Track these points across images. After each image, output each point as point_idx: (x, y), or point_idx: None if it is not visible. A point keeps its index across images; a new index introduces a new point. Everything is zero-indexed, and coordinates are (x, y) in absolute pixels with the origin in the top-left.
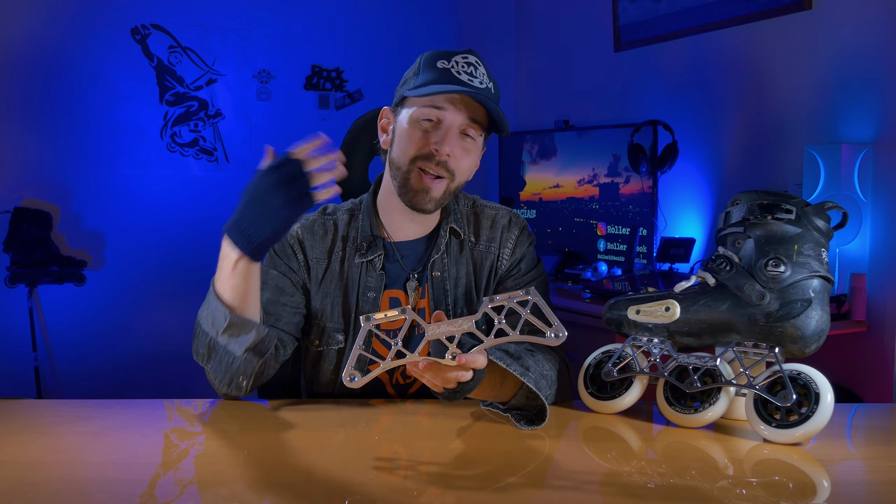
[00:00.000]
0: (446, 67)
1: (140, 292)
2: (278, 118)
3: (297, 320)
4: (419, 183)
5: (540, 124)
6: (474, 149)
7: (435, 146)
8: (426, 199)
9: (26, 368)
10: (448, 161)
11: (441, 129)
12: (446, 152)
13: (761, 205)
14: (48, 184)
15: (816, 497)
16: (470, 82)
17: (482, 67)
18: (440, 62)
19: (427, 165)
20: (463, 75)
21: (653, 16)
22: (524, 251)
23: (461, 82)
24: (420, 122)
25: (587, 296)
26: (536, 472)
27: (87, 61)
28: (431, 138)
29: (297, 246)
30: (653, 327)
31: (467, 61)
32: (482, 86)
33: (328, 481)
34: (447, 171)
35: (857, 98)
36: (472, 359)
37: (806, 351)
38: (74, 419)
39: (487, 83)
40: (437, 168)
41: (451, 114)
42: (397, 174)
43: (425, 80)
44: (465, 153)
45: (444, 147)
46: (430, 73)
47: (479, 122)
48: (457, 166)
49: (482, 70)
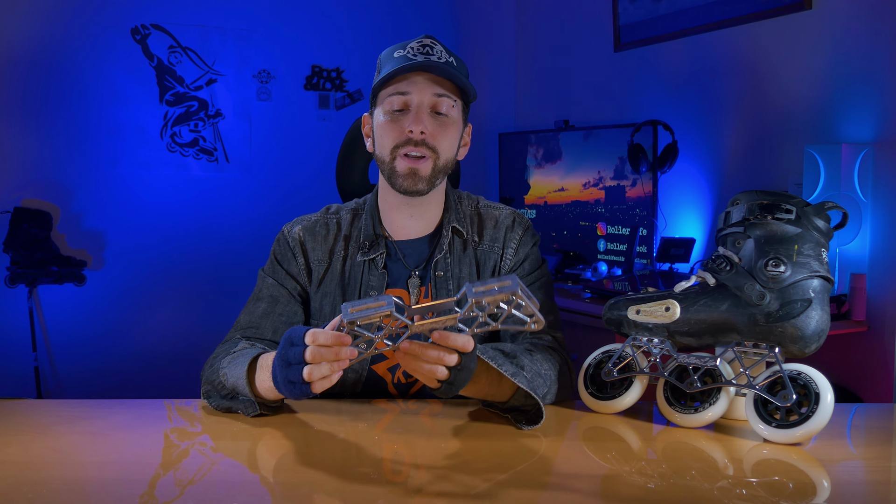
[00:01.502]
0: (402, 54)
1: (140, 292)
2: (278, 118)
3: None
4: (404, 167)
5: (540, 124)
6: (451, 123)
7: (409, 128)
8: (416, 181)
9: (26, 368)
10: (426, 139)
11: (411, 111)
12: (420, 130)
13: (761, 205)
14: (48, 184)
15: (816, 497)
16: (426, 59)
17: (438, 45)
18: (396, 52)
19: (407, 149)
20: (419, 56)
21: (653, 16)
22: (528, 251)
23: (417, 61)
24: (391, 113)
25: (587, 296)
26: (537, 472)
27: (87, 61)
28: (404, 123)
29: (299, 248)
30: (653, 327)
31: (422, 43)
32: (440, 61)
33: (328, 481)
34: (428, 148)
35: (857, 98)
36: (451, 336)
37: (806, 351)
38: (74, 419)
39: (446, 57)
40: (418, 148)
41: (416, 94)
42: (384, 167)
43: (384, 72)
44: (442, 128)
45: (416, 126)
46: (389, 64)
47: (447, 95)
48: (437, 143)
49: (439, 48)
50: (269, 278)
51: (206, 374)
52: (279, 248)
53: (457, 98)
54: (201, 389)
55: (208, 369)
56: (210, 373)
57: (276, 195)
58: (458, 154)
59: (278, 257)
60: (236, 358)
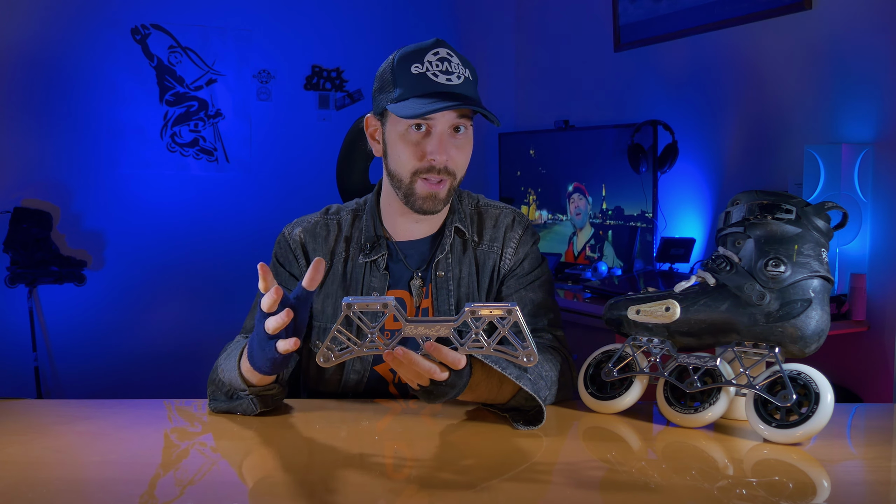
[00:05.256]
0: (421, 72)
1: (140, 292)
2: (278, 118)
3: None
4: (425, 191)
5: (540, 124)
6: (466, 141)
7: (431, 156)
8: (435, 203)
9: (26, 368)
10: (448, 163)
11: (433, 136)
12: (444, 160)
13: (761, 205)
14: (48, 184)
15: (816, 497)
16: (448, 82)
17: (455, 57)
18: (414, 67)
19: (429, 176)
20: (440, 77)
21: (653, 16)
22: (527, 250)
23: (440, 86)
24: (410, 133)
25: (587, 296)
26: (537, 472)
27: (87, 61)
28: (426, 148)
29: (300, 250)
30: (653, 327)
31: (440, 57)
32: (460, 80)
33: (329, 481)
34: (449, 172)
35: (857, 98)
36: (444, 350)
37: (806, 351)
38: (74, 419)
39: (464, 73)
40: (440, 175)
41: (440, 123)
42: (400, 185)
43: (404, 92)
44: (459, 151)
45: (441, 156)
46: (407, 81)
47: (467, 117)
48: (456, 165)
49: (456, 60)
50: None
51: (210, 375)
52: (280, 250)
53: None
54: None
55: (212, 372)
56: (212, 372)
57: (276, 195)
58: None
59: (280, 259)
60: (231, 353)
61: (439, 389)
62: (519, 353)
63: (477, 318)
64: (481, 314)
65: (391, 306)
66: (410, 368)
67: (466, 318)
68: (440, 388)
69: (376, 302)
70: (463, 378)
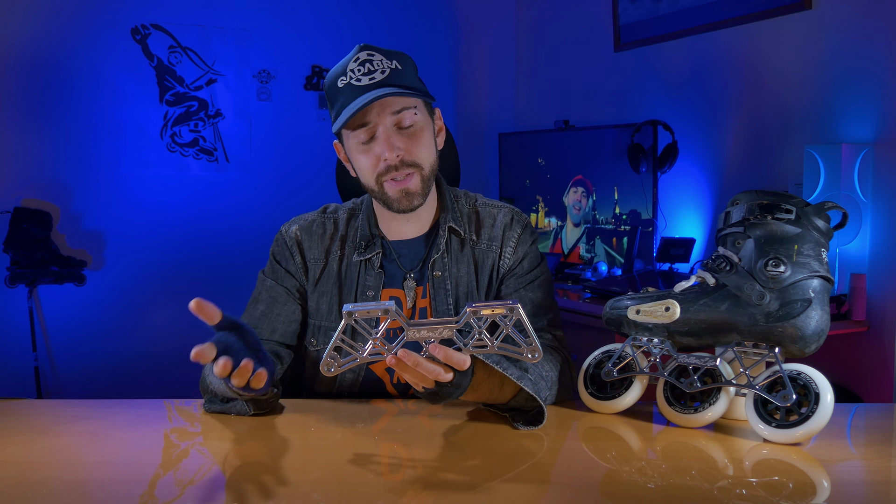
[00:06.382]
0: (347, 82)
1: (140, 292)
2: (278, 118)
3: (293, 329)
4: (394, 191)
5: (540, 124)
6: (420, 129)
7: (383, 157)
8: (410, 199)
9: (26, 368)
10: (403, 157)
11: (378, 139)
12: (395, 155)
13: (761, 205)
14: (48, 184)
15: (816, 497)
16: (371, 81)
17: (377, 55)
18: (339, 80)
19: (390, 175)
20: (363, 80)
21: (653, 16)
22: (526, 250)
23: (363, 88)
24: (360, 146)
25: (587, 296)
26: (537, 473)
27: (87, 61)
28: (377, 151)
29: (296, 248)
30: (653, 327)
31: (360, 62)
32: (385, 74)
33: (328, 481)
34: (409, 165)
35: (857, 98)
36: (449, 351)
37: (806, 351)
38: (74, 419)
39: (389, 66)
40: (400, 171)
41: (377, 121)
42: (375, 195)
43: (339, 107)
44: (413, 140)
45: (390, 153)
46: (337, 97)
47: (407, 108)
48: (415, 156)
49: (379, 57)
50: (268, 280)
51: (200, 382)
52: (277, 247)
53: (416, 102)
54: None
55: (201, 380)
56: (201, 381)
57: (276, 195)
58: (437, 145)
59: (277, 257)
60: None
61: (444, 390)
62: (523, 350)
63: (479, 317)
64: (483, 314)
65: (392, 312)
66: (415, 372)
67: (469, 318)
68: (445, 389)
69: (377, 309)
70: (467, 378)
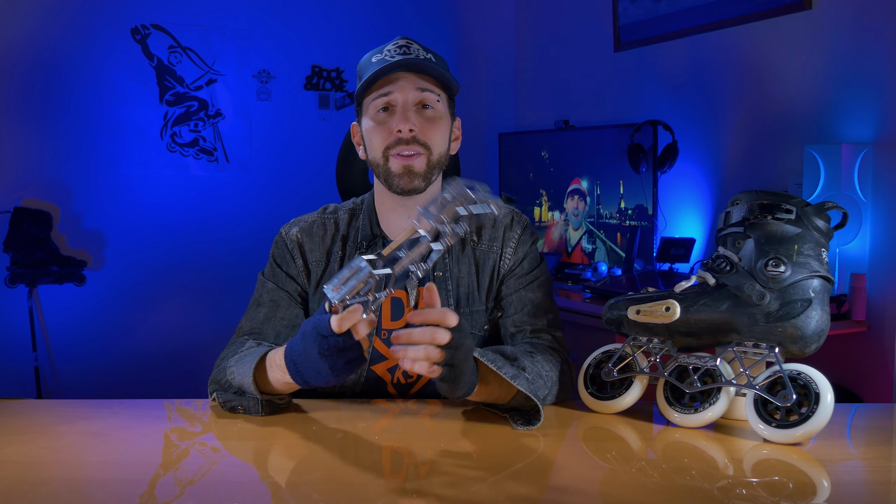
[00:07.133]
0: (380, 58)
1: (140, 292)
2: (278, 118)
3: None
4: (398, 166)
5: (540, 124)
6: (438, 117)
7: (396, 127)
8: (412, 178)
9: (26, 368)
10: (416, 135)
11: (397, 111)
12: (409, 128)
13: (761, 205)
14: (48, 184)
15: (816, 497)
16: (404, 55)
17: (415, 44)
18: (374, 57)
19: (399, 149)
20: (397, 56)
21: (653, 16)
22: (527, 250)
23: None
24: (377, 116)
25: (587, 296)
26: (537, 473)
27: (87, 61)
28: (392, 124)
29: (297, 251)
30: (653, 327)
31: (398, 44)
32: (419, 58)
33: (328, 481)
34: (420, 144)
35: (857, 98)
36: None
37: (806, 351)
38: (74, 419)
39: (424, 54)
40: (410, 146)
41: (399, 93)
42: (379, 170)
43: (365, 77)
44: (430, 123)
45: (404, 125)
46: (369, 69)
47: (430, 90)
48: (427, 138)
49: (415, 46)
50: (269, 282)
51: (214, 374)
52: (277, 250)
53: (440, 92)
54: (208, 389)
55: (215, 370)
56: (217, 372)
57: (276, 195)
58: (451, 148)
59: (277, 260)
60: (244, 357)
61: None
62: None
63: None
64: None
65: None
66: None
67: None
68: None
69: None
70: (467, 336)
